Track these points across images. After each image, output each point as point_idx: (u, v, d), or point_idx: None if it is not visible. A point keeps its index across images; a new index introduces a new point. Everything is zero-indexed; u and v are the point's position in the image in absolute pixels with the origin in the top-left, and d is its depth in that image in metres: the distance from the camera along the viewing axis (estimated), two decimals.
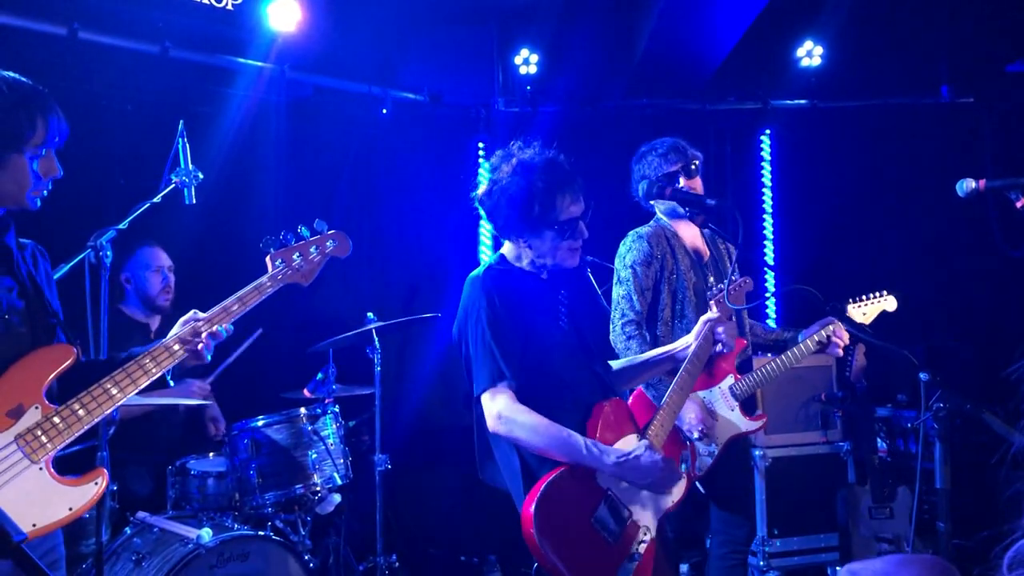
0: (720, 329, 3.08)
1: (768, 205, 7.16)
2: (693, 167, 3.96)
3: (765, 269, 6.83)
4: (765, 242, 7.15)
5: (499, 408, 2.75)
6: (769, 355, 4.18)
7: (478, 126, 6.42)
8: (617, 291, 3.85)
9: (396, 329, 5.04)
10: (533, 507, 2.71)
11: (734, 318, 3.38)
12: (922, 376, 3.11)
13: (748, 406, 3.99)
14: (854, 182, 6.90)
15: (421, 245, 6.30)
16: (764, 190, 7.17)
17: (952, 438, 3.07)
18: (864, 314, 4.08)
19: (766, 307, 6.82)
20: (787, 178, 7.17)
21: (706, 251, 4.07)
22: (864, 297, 4.11)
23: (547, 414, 2.78)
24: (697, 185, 3.98)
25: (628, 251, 3.93)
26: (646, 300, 3.84)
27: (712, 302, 3.23)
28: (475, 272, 2.97)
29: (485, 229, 6.41)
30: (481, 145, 6.52)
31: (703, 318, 3.16)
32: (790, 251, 7.14)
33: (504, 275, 2.93)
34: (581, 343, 2.95)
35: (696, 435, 3.65)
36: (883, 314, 4.12)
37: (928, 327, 6.24)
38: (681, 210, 3.93)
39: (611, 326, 3.75)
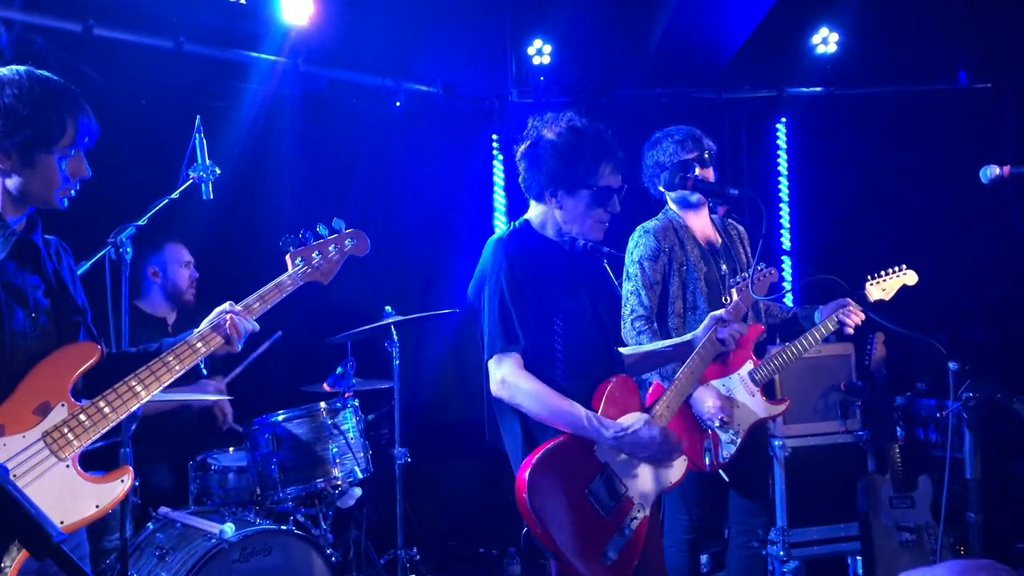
0: (725, 331, 3.10)
1: (784, 193, 7.08)
2: (707, 156, 3.95)
3: (783, 256, 6.77)
4: (782, 230, 7.08)
5: (503, 373, 2.76)
6: (786, 343, 4.15)
7: (492, 118, 6.41)
8: (626, 286, 3.84)
9: (414, 323, 5.04)
10: (528, 472, 2.74)
11: (750, 312, 3.47)
12: (951, 365, 3.09)
13: (768, 393, 3.99)
14: (872, 169, 6.81)
15: (436, 238, 6.25)
16: (780, 178, 7.08)
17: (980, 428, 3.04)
18: (884, 290, 4.08)
19: (783, 296, 6.56)
20: (804, 166, 7.08)
21: (717, 239, 4.05)
22: (883, 272, 4.10)
23: (555, 384, 2.79)
24: (710, 175, 3.97)
25: (635, 246, 3.92)
26: (655, 295, 3.83)
27: (734, 290, 3.24)
28: (498, 234, 2.95)
29: (500, 222, 6.37)
30: (495, 137, 6.49)
31: (711, 315, 3.16)
32: (808, 238, 7.05)
33: (528, 240, 2.92)
34: (596, 319, 2.95)
35: (717, 423, 3.66)
36: (904, 301, 4.09)
37: (950, 315, 6.13)
38: (692, 199, 3.94)
39: (622, 322, 3.74)
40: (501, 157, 6.47)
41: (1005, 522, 4.66)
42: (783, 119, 7.13)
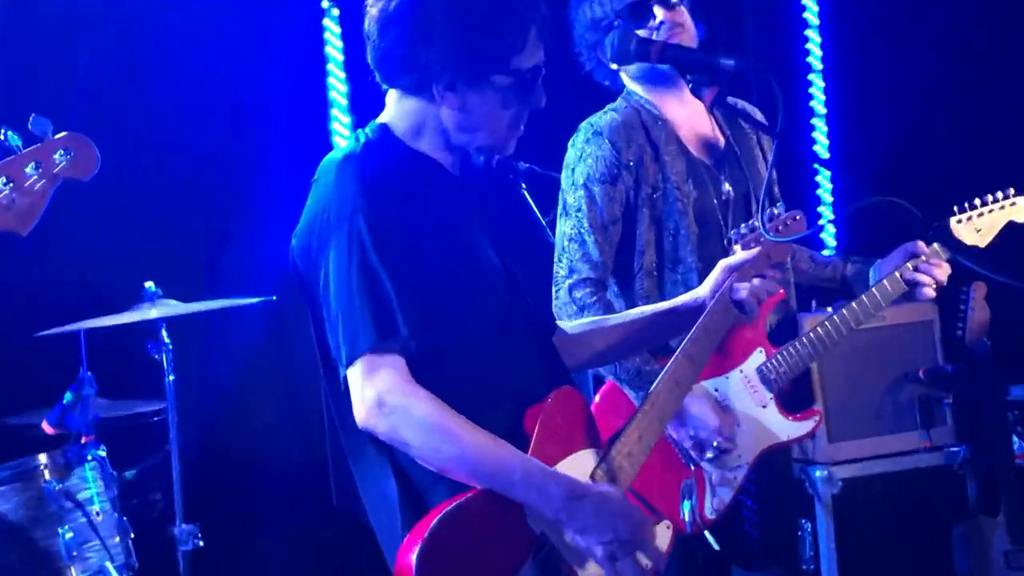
0: (744, 287, 2.76)
1: (816, 68, 6.06)
2: None
3: (816, 167, 5.87)
4: (814, 125, 6.06)
5: (379, 389, 2.36)
6: (827, 309, 3.73)
7: None
8: (562, 228, 3.52)
9: (199, 314, 4.46)
10: (415, 557, 2.43)
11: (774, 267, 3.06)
12: None
13: (791, 398, 3.62)
14: (960, 37, 5.79)
15: (231, 163, 5.14)
16: (809, 45, 6.01)
17: None
18: (978, 230, 3.69)
19: (819, 239, 5.83)
20: (846, 22, 5.98)
21: (718, 137, 3.68)
22: (977, 202, 3.66)
23: (454, 407, 2.45)
24: (683, 19, 3.53)
25: (578, 159, 3.56)
26: (611, 242, 3.54)
27: (738, 246, 2.92)
28: (338, 153, 2.59)
29: (341, 131, 5.43)
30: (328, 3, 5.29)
31: (722, 263, 2.83)
32: (853, 141, 6.03)
33: (392, 157, 2.54)
34: (515, 293, 2.61)
35: (711, 453, 3.40)
36: (1012, 246, 3.67)
37: None
38: (665, 68, 3.54)
39: (554, 288, 3.48)
40: (337, 12, 5.35)
41: None
42: None
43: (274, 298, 4.42)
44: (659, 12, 3.47)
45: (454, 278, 2.55)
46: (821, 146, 6.21)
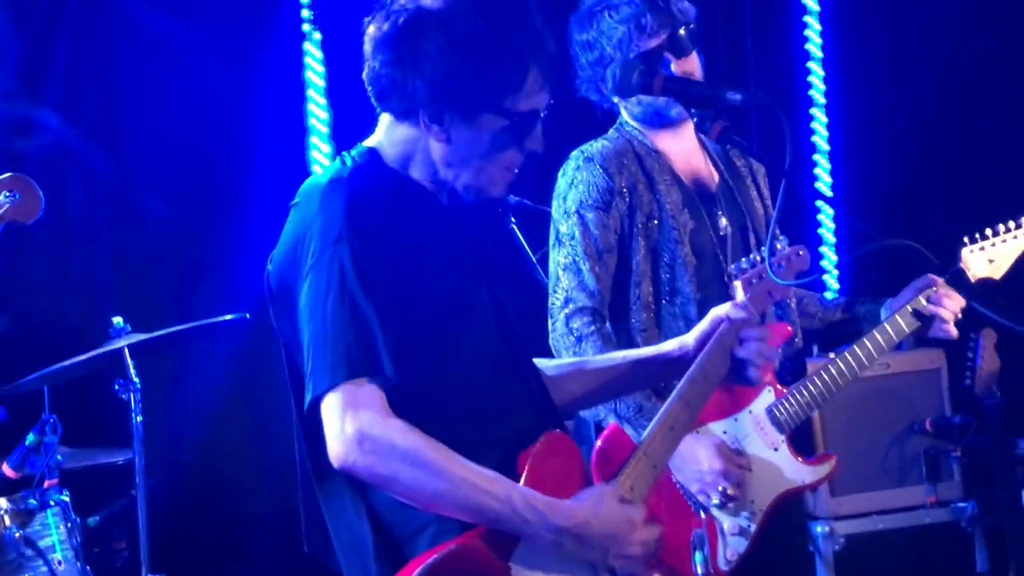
0: (746, 350, 2.65)
1: (818, 101, 5.93)
2: (683, 34, 3.46)
3: (819, 204, 5.74)
4: (816, 161, 5.92)
5: (360, 423, 2.25)
6: (830, 355, 3.73)
7: None
8: (556, 258, 3.48)
9: (166, 343, 4.32)
10: None
11: (771, 307, 3.18)
12: None
13: (801, 444, 3.60)
14: (966, 65, 5.72)
15: (201, 190, 4.98)
16: (811, 77, 5.92)
17: None
18: (992, 260, 3.62)
19: (821, 282, 5.74)
20: (850, 55, 5.87)
21: (712, 174, 3.67)
22: (989, 232, 3.60)
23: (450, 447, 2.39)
24: (693, 67, 3.48)
25: (570, 186, 3.53)
26: (608, 271, 3.48)
27: (738, 283, 2.96)
28: (323, 177, 2.49)
29: (320, 156, 5.23)
30: (306, 7, 5.08)
31: (713, 312, 2.73)
32: (858, 176, 5.85)
33: (380, 182, 2.46)
34: (506, 330, 2.55)
35: (717, 499, 3.28)
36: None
37: None
38: (671, 111, 3.48)
39: (549, 320, 3.42)
40: (318, 37, 5.14)
41: None
42: None
43: (247, 315, 4.32)
44: (672, 62, 3.44)
45: (442, 313, 2.46)
46: (824, 183, 6.13)
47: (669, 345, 2.78)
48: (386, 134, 2.52)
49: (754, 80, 5.86)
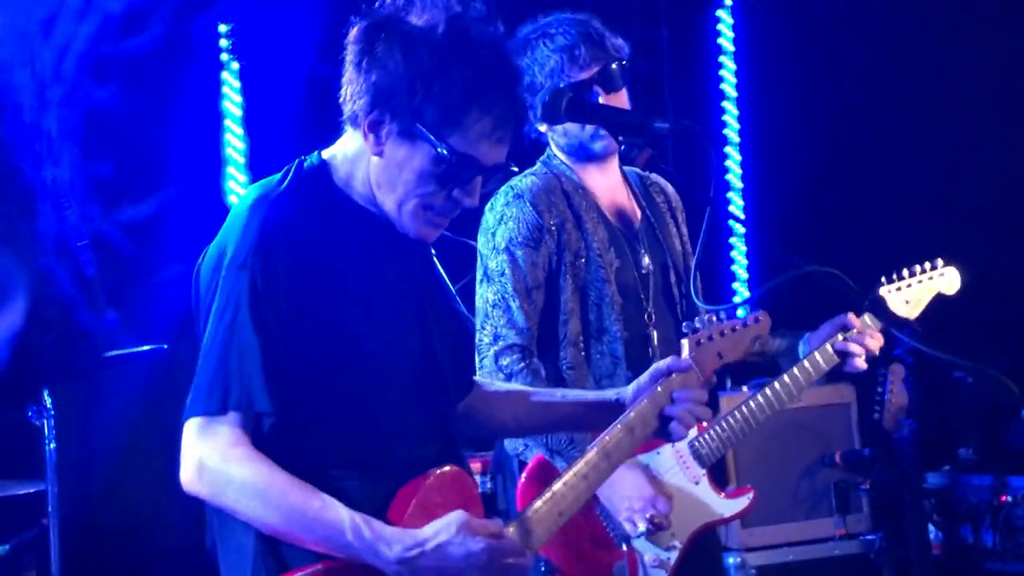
0: (677, 411, 2.63)
1: (732, 125, 6.13)
2: (615, 69, 3.50)
3: (731, 223, 5.90)
4: (730, 190, 6.18)
5: (201, 452, 2.28)
6: (744, 388, 4.13)
7: None
8: (484, 295, 3.49)
9: (83, 373, 4.43)
10: None
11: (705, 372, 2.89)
12: None
13: (719, 478, 3.71)
14: (882, 85, 5.87)
15: (121, 223, 4.84)
16: (725, 102, 6.12)
17: None
18: (907, 302, 3.67)
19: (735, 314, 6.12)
20: (762, 79, 6.09)
21: (636, 212, 3.70)
22: (905, 273, 3.64)
23: (329, 484, 2.34)
24: (621, 102, 3.51)
25: (499, 222, 3.54)
26: (536, 308, 3.50)
27: (685, 341, 2.81)
28: (256, 190, 2.46)
29: (236, 186, 5.11)
30: (224, 28, 5.05)
31: (654, 367, 2.75)
32: (769, 200, 6.09)
33: (312, 204, 2.42)
34: (429, 362, 2.53)
35: (643, 526, 3.29)
36: (941, 318, 3.64)
37: (1013, 338, 5.29)
38: (595, 146, 3.52)
39: (477, 355, 3.34)
40: (236, 67, 5.12)
41: None
42: (727, 2, 6.23)
43: (165, 346, 4.30)
44: (601, 95, 3.45)
45: (349, 340, 2.44)
46: (736, 207, 6.38)
47: (609, 393, 2.80)
48: (342, 144, 2.50)
49: (674, 108, 5.95)
